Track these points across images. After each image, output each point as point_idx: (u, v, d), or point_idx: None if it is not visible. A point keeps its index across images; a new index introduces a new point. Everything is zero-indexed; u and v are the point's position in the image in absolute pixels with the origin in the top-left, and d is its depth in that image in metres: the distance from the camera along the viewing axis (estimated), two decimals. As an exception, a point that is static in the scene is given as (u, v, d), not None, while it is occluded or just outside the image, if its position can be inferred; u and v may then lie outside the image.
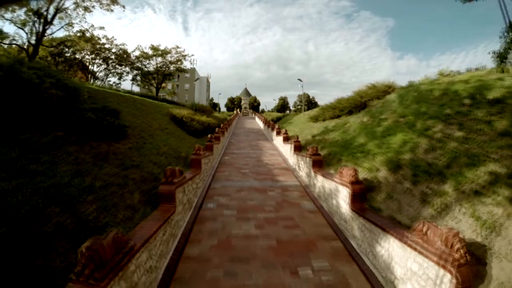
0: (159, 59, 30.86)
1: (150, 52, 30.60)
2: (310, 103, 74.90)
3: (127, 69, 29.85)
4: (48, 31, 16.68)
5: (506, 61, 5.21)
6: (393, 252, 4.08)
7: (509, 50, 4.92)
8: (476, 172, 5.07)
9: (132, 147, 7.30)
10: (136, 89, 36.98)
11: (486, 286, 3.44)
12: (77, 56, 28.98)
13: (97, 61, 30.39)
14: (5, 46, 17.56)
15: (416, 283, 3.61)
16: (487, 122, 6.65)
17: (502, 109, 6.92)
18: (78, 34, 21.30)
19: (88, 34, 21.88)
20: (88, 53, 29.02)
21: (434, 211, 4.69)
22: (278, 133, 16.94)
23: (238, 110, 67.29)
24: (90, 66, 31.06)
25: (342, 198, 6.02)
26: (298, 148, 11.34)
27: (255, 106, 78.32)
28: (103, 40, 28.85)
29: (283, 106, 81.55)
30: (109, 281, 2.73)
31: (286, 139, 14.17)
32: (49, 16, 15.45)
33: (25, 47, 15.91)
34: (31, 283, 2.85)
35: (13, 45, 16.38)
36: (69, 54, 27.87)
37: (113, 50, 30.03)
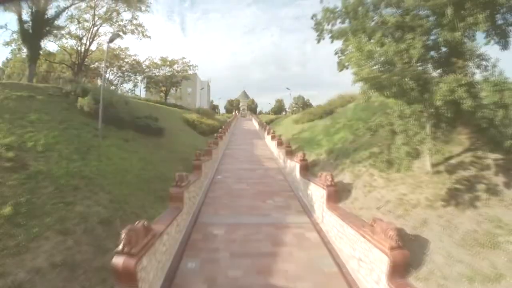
0: (167, 68, 35.33)
1: (159, 62, 35.04)
2: (305, 105, 79.28)
3: (139, 78, 34.22)
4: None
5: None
6: (312, 190, 8.39)
7: None
8: (364, 152, 9.38)
9: (170, 141, 11.59)
10: (143, 94, 41.51)
11: (348, 200, 7.70)
12: (95, 66, 33.24)
13: (112, 69, 34.61)
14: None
15: (318, 201, 7.90)
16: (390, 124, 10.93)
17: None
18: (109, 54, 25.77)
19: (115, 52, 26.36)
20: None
21: (338, 171, 9.00)
22: (268, 133, 21.25)
23: (236, 111, 70.97)
24: (105, 74, 35.28)
25: (297, 171, 10.31)
26: (280, 144, 15.64)
27: (252, 108, 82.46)
28: (118, 51, 33.18)
29: (279, 108, 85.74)
30: (185, 189, 7.01)
31: (273, 138, 18.46)
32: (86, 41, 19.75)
33: (71, 65, 20.22)
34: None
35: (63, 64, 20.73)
36: (87, 64, 32.24)
37: (126, 60, 34.33)
